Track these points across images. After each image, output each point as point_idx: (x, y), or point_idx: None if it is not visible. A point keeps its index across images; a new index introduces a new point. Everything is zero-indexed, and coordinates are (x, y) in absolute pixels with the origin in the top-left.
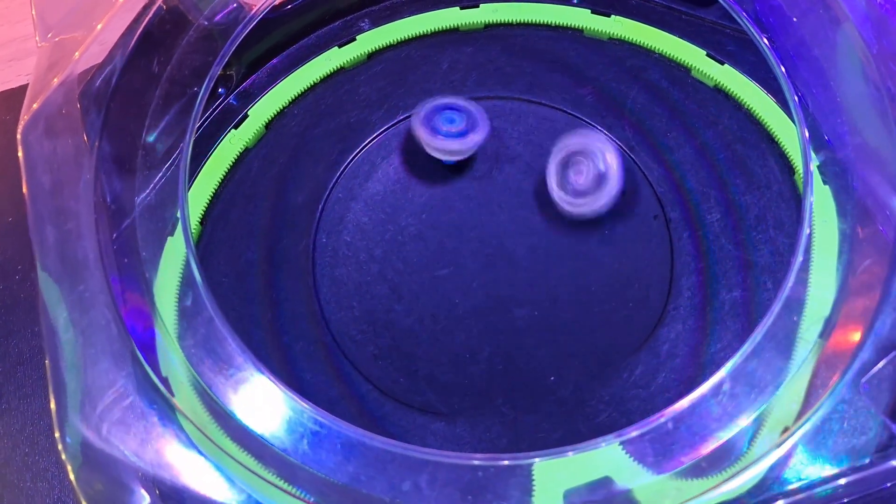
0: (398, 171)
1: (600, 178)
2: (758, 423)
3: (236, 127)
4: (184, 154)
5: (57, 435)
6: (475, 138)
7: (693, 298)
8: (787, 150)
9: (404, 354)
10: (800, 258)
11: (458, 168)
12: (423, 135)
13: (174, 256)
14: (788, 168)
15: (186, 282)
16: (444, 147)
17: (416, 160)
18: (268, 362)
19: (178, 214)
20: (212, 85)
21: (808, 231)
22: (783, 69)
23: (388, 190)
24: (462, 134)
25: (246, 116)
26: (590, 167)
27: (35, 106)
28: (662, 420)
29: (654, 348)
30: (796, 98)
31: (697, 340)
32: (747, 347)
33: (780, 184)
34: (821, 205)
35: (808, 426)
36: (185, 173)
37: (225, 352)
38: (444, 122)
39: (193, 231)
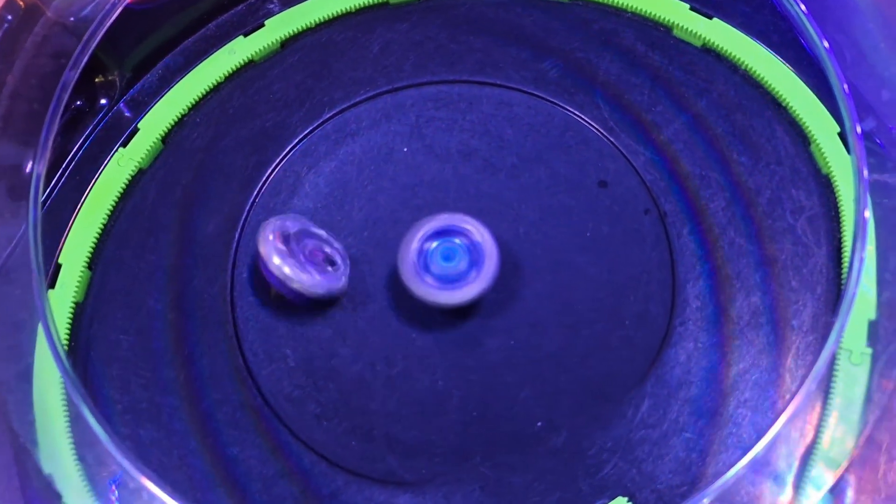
0: (329, 181)
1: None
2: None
3: (125, 144)
4: (33, 201)
5: None
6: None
7: (703, 309)
8: (798, 116)
9: (355, 411)
10: (861, 254)
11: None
12: (411, 282)
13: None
14: (802, 137)
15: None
16: (439, 301)
17: (351, 166)
18: (184, 438)
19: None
20: (66, 96)
21: (867, 215)
22: (803, 7)
23: (319, 206)
24: (463, 276)
25: (136, 130)
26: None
27: None
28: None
29: (661, 376)
30: (826, 43)
31: (714, 361)
32: (810, 384)
33: (792, 158)
34: None
35: None
36: (37, 228)
37: None
38: (439, 260)
39: (80, 278)
